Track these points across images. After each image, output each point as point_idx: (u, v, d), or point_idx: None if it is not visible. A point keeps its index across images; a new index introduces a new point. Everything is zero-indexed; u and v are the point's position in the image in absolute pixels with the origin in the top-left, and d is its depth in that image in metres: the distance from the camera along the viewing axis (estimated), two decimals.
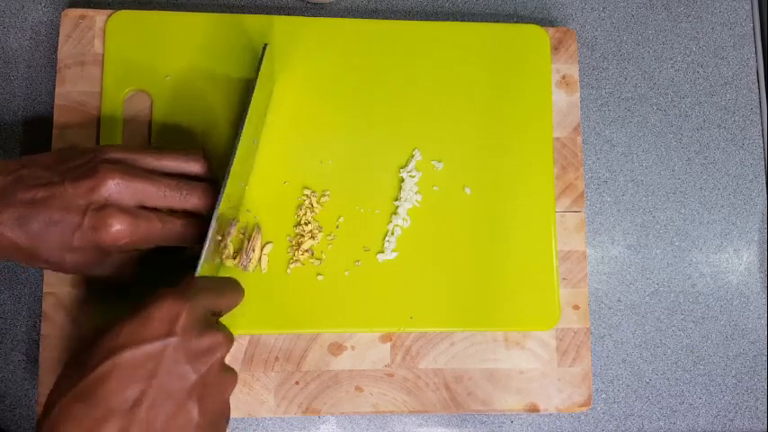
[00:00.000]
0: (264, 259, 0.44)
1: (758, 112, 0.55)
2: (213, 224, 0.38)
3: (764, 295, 0.52)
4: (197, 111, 0.46)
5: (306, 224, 0.45)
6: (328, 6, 0.52)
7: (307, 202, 0.46)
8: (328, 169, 0.47)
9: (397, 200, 0.47)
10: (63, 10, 0.47)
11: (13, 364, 0.46)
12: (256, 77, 0.41)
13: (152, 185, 0.38)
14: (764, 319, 0.52)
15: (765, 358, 0.52)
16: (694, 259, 0.52)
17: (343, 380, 0.46)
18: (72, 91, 0.46)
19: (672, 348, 0.51)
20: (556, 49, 0.51)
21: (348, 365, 0.46)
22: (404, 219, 0.46)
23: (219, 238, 0.41)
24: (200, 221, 0.40)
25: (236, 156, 0.39)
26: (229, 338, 0.35)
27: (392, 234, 0.46)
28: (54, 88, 0.46)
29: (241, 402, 0.44)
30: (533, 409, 0.47)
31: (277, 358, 0.45)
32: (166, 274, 0.41)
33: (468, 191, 0.47)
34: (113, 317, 0.34)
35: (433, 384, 0.46)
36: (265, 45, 0.42)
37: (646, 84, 0.54)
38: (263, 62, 0.41)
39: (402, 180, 0.47)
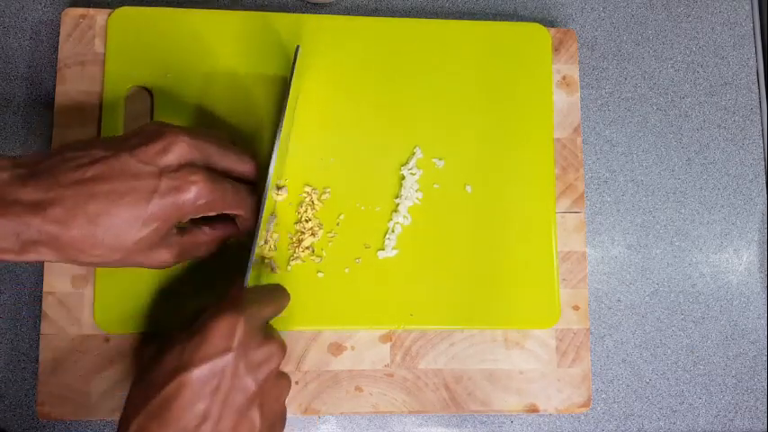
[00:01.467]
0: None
1: (758, 112, 0.55)
2: (257, 235, 0.39)
3: (764, 295, 0.52)
4: (198, 108, 0.46)
5: (306, 221, 0.45)
6: (328, 6, 0.52)
7: (307, 200, 0.46)
8: (329, 166, 0.47)
9: (397, 197, 0.47)
10: (63, 9, 0.47)
11: (12, 364, 0.46)
12: (291, 79, 0.41)
13: (215, 144, 0.38)
14: (764, 319, 0.52)
15: (765, 358, 0.52)
16: (694, 259, 0.52)
17: (343, 380, 0.46)
18: (72, 90, 0.46)
19: (672, 348, 0.51)
20: (556, 49, 0.51)
21: (348, 365, 0.46)
22: (404, 216, 0.46)
23: (263, 242, 0.42)
24: (254, 189, 0.41)
25: (276, 158, 0.40)
26: (283, 346, 0.37)
27: (392, 231, 0.46)
28: (54, 88, 0.46)
29: None
30: (533, 410, 0.47)
31: None
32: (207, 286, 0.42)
33: (468, 189, 0.47)
34: (174, 333, 0.35)
35: (433, 384, 0.46)
36: (297, 47, 0.42)
37: (646, 84, 0.54)
38: (296, 64, 0.42)
39: (403, 178, 0.47)
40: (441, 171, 0.47)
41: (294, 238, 0.45)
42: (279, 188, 0.46)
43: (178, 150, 0.35)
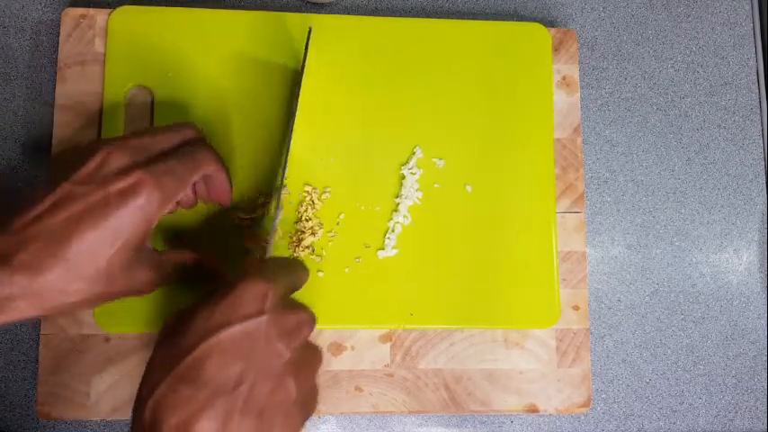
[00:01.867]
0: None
1: (758, 112, 0.55)
2: (278, 213, 0.39)
3: (764, 295, 0.52)
4: (198, 107, 0.46)
5: (306, 221, 0.45)
6: (328, 6, 0.52)
7: (308, 199, 0.46)
8: (329, 166, 0.47)
9: (397, 197, 0.47)
10: (63, 9, 0.47)
11: (12, 364, 0.46)
12: (304, 62, 0.40)
13: (146, 134, 0.37)
14: (764, 319, 0.52)
15: (765, 358, 0.52)
16: (694, 259, 0.52)
17: (343, 380, 0.46)
18: (73, 90, 0.46)
19: (672, 348, 0.51)
20: (556, 49, 0.51)
21: (348, 365, 0.46)
22: (404, 216, 0.46)
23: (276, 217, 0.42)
24: (208, 144, 0.40)
25: (292, 135, 0.40)
26: (313, 316, 0.35)
27: (393, 231, 0.46)
28: (54, 88, 0.46)
29: None
30: (533, 410, 0.47)
31: None
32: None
33: (468, 189, 0.47)
34: (199, 299, 0.33)
35: (433, 384, 0.46)
36: (310, 28, 0.42)
37: (646, 84, 0.54)
38: (308, 45, 0.41)
39: (403, 177, 0.47)
40: (441, 171, 0.47)
41: (294, 238, 0.45)
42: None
43: (112, 159, 0.34)
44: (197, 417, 0.29)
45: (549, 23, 0.54)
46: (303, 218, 0.45)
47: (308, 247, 0.45)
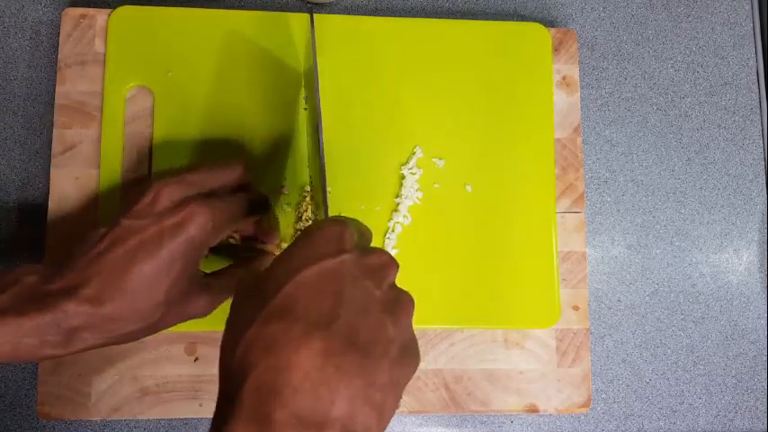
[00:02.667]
0: None
1: (758, 112, 0.55)
2: (324, 177, 0.38)
3: (764, 295, 0.52)
4: (199, 107, 0.46)
5: (307, 221, 0.45)
6: (328, 6, 0.52)
7: (307, 199, 0.46)
8: (329, 166, 0.47)
9: (397, 197, 0.47)
10: (63, 9, 0.47)
11: (13, 363, 0.46)
12: (314, 50, 0.40)
13: (199, 171, 0.39)
14: (764, 319, 0.52)
15: (765, 358, 0.52)
16: (694, 259, 0.52)
17: None
18: (73, 90, 0.46)
19: (672, 348, 0.51)
20: (556, 49, 0.51)
21: None
22: (404, 216, 0.46)
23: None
24: (258, 191, 0.42)
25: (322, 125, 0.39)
26: (395, 260, 0.34)
27: (393, 231, 0.46)
28: (54, 88, 0.46)
29: None
30: (533, 410, 0.47)
31: None
32: None
33: (469, 189, 0.47)
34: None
35: (433, 384, 0.46)
36: (311, 16, 0.41)
37: (646, 84, 0.54)
38: (314, 32, 0.41)
39: (403, 177, 0.47)
40: (441, 171, 0.47)
41: (294, 237, 0.45)
42: (280, 187, 0.46)
43: (165, 194, 0.36)
44: (295, 353, 0.27)
45: (549, 23, 0.54)
46: (303, 218, 0.45)
47: None
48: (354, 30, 0.48)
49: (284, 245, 0.45)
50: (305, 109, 0.47)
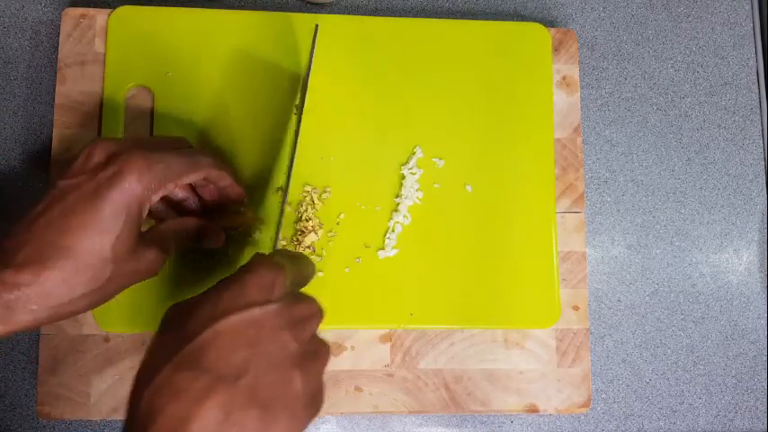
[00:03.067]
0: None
1: (758, 112, 0.55)
2: (285, 198, 0.39)
3: (764, 295, 0.52)
4: (199, 107, 0.46)
5: (307, 220, 0.45)
6: (328, 6, 0.52)
7: (308, 199, 0.46)
8: (329, 166, 0.47)
9: (397, 197, 0.47)
10: (63, 9, 0.47)
11: (13, 363, 0.46)
12: (311, 59, 0.40)
13: (139, 136, 0.38)
14: (764, 319, 0.52)
15: (765, 358, 0.52)
16: (694, 259, 0.52)
17: (343, 380, 0.46)
18: (72, 90, 0.46)
19: (672, 348, 0.51)
20: (556, 49, 0.51)
21: (348, 365, 0.46)
22: (404, 216, 0.46)
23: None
24: (204, 149, 0.40)
25: (299, 135, 0.40)
26: (322, 309, 0.34)
27: (393, 231, 0.46)
28: (54, 88, 0.46)
29: None
30: (533, 410, 0.47)
31: None
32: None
33: (468, 189, 0.47)
34: (155, 327, 0.33)
35: (433, 384, 0.46)
36: (317, 26, 0.42)
37: (646, 84, 0.54)
38: (315, 42, 0.41)
39: (403, 177, 0.47)
40: (441, 170, 0.47)
41: (294, 237, 0.45)
42: (277, 188, 0.46)
43: (99, 148, 0.35)
44: (198, 405, 0.27)
45: (549, 23, 0.54)
46: (303, 217, 0.45)
47: (308, 247, 0.45)
48: (355, 30, 0.48)
49: (284, 243, 0.45)
50: (294, 114, 0.47)
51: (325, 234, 0.46)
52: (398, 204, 0.46)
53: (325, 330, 0.46)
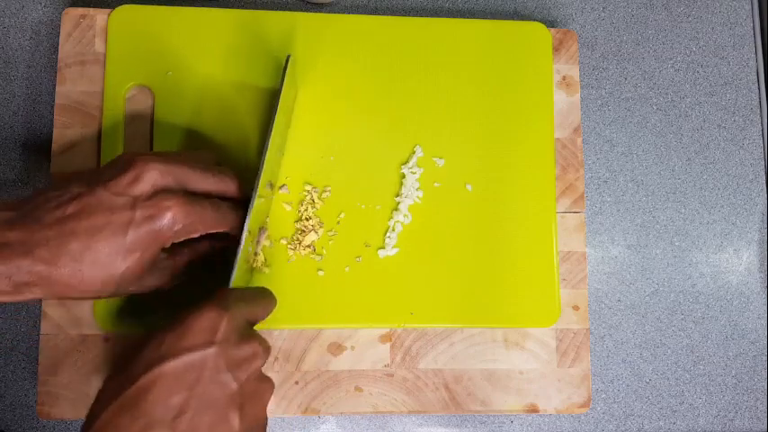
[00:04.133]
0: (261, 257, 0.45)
1: (758, 112, 0.55)
2: (244, 236, 0.38)
3: (764, 295, 0.52)
4: (199, 107, 0.46)
5: (307, 219, 0.45)
6: (328, 6, 0.52)
7: (308, 198, 0.46)
8: (330, 165, 0.47)
9: (398, 196, 0.47)
10: (63, 9, 0.47)
11: (13, 364, 0.46)
12: (280, 89, 0.41)
13: (190, 168, 0.38)
14: (764, 319, 0.52)
15: (765, 358, 0.52)
16: (694, 259, 0.52)
17: (343, 380, 0.46)
18: (73, 90, 0.46)
19: (672, 348, 0.51)
20: (556, 50, 0.51)
21: (348, 365, 0.46)
22: (405, 215, 0.46)
23: (250, 248, 0.41)
24: (240, 205, 0.40)
25: (264, 168, 0.40)
26: (267, 348, 0.36)
27: (393, 230, 0.46)
28: (54, 88, 0.46)
29: None
30: (533, 410, 0.47)
31: (276, 358, 0.45)
32: (203, 286, 0.41)
33: (469, 188, 0.47)
34: (152, 329, 0.34)
35: (433, 384, 0.46)
36: (288, 56, 0.42)
37: (646, 84, 0.54)
38: (287, 72, 0.41)
39: (403, 176, 0.47)
40: (441, 170, 0.47)
41: (294, 237, 0.45)
42: (279, 187, 0.46)
43: (149, 178, 0.36)
44: None
45: (550, 24, 0.54)
46: (303, 217, 0.45)
47: (308, 246, 0.45)
48: (355, 29, 0.48)
49: (284, 242, 0.45)
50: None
51: (325, 233, 0.46)
52: (399, 203, 0.46)
53: (326, 330, 0.46)
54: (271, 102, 0.47)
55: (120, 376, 0.33)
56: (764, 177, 0.54)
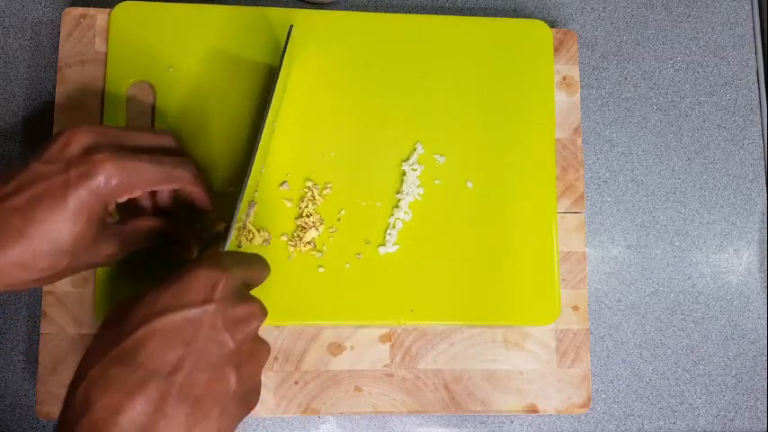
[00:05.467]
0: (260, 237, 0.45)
1: (758, 112, 0.55)
2: (240, 203, 0.38)
3: (764, 295, 0.52)
4: (200, 102, 0.46)
5: (308, 216, 0.45)
6: (329, 6, 0.52)
7: (309, 195, 0.46)
8: (330, 162, 0.47)
9: (398, 193, 0.47)
10: (63, 9, 0.47)
11: (13, 364, 0.46)
12: (282, 59, 0.41)
13: (122, 128, 0.37)
14: (764, 319, 0.52)
15: (765, 358, 0.52)
16: (694, 259, 0.52)
17: (343, 380, 0.46)
18: (72, 90, 0.46)
19: (672, 348, 0.51)
20: (556, 50, 0.51)
21: (347, 365, 0.46)
22: (405, 212, 0.46)
23: (241, 222, 0.41)
24: (186, 159, 0.39)
25: (261, 139, 0.40)
26: (264, 309, 0.35)
27: (393, 227, 0.46)
28: (54, 88, 0.46)
29: None
30: (532, 410, 0.47)
31: (276, 358, 0.45)
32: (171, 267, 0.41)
33: (469, 185, 0.47)
34: (148, 286, 0.33)
35: (433, 385, 0.46)
36: (291, 26, 0.42)
37: (646, 84, 0.54)
38: (288, 43, 0.41)
39: (404, 173, 0.47)
40: (442, 167, 0.47)
41: (295, 233, 0.45)
42: (281, 183, 0.46)
43: (79, 139, 0.35)
44: (128, 398, 0.29)
45: (550, 24, 0.54)
46: (304, 213, 0.45)
47: (309, 243, 0.45)
48: (356, 26, 0.48)
49: (284, 238, 0.45)
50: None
51: (326, 230, 0.46)
52: (399, 201, 0.46)
53: (326, 329, 0.46)
54: (269, 80, 0.47)
55: (113, 330, 0.32)
56: (764, 177, 0.54)
